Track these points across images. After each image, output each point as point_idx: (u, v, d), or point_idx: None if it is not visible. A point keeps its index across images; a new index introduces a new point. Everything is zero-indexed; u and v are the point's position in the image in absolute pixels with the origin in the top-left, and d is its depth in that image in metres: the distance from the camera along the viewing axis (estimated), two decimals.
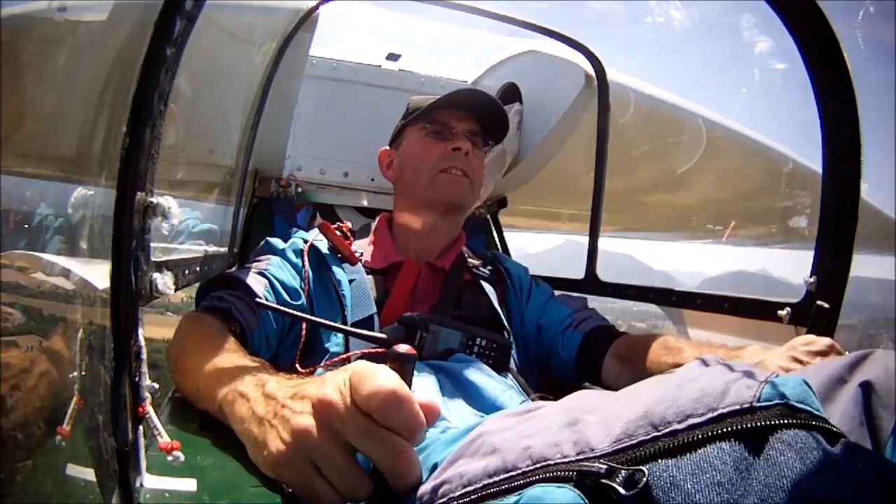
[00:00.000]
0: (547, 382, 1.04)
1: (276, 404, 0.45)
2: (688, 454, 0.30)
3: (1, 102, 0.38)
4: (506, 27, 1.46)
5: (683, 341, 0.86)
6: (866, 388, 0.46)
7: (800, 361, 0.67)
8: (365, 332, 0.80)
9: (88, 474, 0.42)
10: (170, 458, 0.44)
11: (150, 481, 0.43)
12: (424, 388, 0.73)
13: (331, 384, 0.41)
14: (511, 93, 1.62)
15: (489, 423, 0.41)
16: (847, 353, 0.61)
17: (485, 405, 0.73)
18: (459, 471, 0.37)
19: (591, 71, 1.39)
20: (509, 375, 0.87)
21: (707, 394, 0.32)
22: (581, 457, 0.32)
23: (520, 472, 0.34)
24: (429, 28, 2.02)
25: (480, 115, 1.02)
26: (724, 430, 0.30)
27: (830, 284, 0.86)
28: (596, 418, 0.35)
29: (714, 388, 0.32)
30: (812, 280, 0.88)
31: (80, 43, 0.50)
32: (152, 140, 0.44)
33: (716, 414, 0.31)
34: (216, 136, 1.18)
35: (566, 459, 0.33)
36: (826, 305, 0.85)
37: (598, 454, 0.32)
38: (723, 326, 1.05)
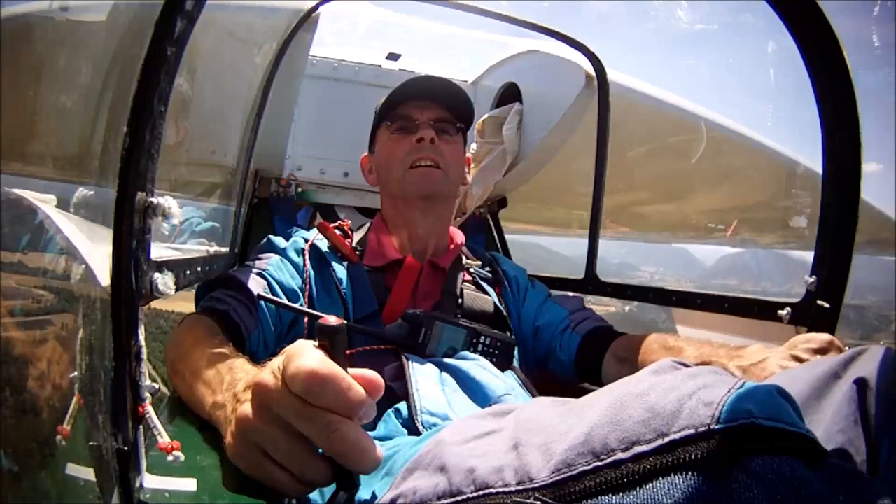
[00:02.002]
0: (547, 382, 1.04)
1: (234, 401, 0.46)
2: (634, 489, 0.26)
3: (1, 102, 0.38)
4: (506, 27, 1.46)
5: (684, 340, 0.86)
6: (861, 384, 0.45)
7: (800, 360, 0.67)
8: (367, 328, 0.80)
9: (88, 474, 0.42)
10: (170, 458, 0.44)
11: (150, 481, 0.43)
12: (428, 386, 0.73)
13: (268, 368, 0.41)
14: (511, 93, 1.62)
15: (448, 431, 0.40)
16: (847, 349, 0.61)
17: (488, 403, 0.73)
18: (414, 485, 0.36)
19: (592, 71, 1.39)
20: (513, 374, 0.86)
21: (656, 414, 0.27)
22: (520, 487, 0.30)
23: (464, 498, 0.32)
24: (429, 28, 2.02)
25: (442, 100, 0.99)
26: (677, 460, 0.25)
27: (830, 284, 0.86)
28: (539, 440, 0.32)
29: (664, 408, 0.28)
30: (812, 280, 0.88)
31: (80, 43, 0.50)
32: (152, 140, 0.44)
33: (666, 441, 0.26)
34: (217, 136, 1.18)
35: (506, 489, 0.31)
36: (826, 305, 0.85)
37: (536, 485, 0.29)
38: (723, 326, 1.05)
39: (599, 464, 0.28)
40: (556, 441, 0.31)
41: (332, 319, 0.40)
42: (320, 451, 0.40)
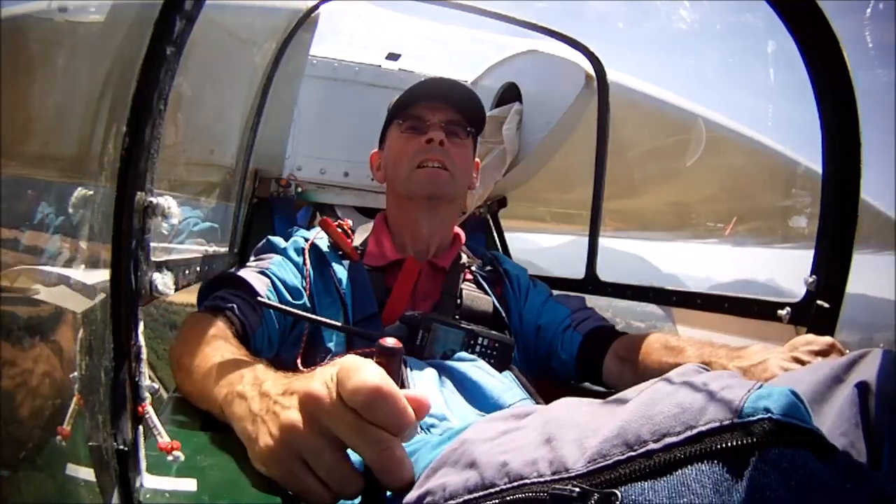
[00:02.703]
0: (547, 383, 1.04)
1: (269, 401, 0.46)
2: (665, 476, 0.28)
3: (1, 102, 0.38)
4: (506, 27, 1.47)
5: (685, 341, 0.86)
6: (863, 388, 0.45)
7: (801, 361, 0.67)
8: (364, 331, 0.80)
9: (88, 474, 0.42)
10: (170, 458, 0.44)
11: (150, 481, 0.43)
12: (426, 388, 0.73)
13: (318, 379, 0.41)
14: (511, 93, 1.62)
15: (472, 431, 0.41)
16: (848, 351, 0.61)
17: (486, 404, 0.73)
18: (442, 482, 0.36)
19: (592, 71, 1.39)
20: (511, 375, 0.87)
21: (685, 410, 0.30)
22: (556, 477, 0.31)
23: (497, 489, 0.33)
24: (429, 28, 2.02)
25: (455, 103, 1.00)
26: (703, 449, 0.28)
27: (830, 284, 0.86)
28: (572, 435, 0.34)
29: (692, 404, 0.31)
30: (812, 280, 0.88)
31: (80, 43, 0.50)
32: (152, 140, 0.44)
33: (694, 432, 0.29)
34: (216, 135, 1.19)
35: (541, 479, 0.32)
36: (826, 305, 0.85)
37: (572, 475, 0.31)
38: (723, 326, 1.05)
39: (633, 454, 0.30)
40: (589, 436, 0.32)
41: (389, 341, 0.41)
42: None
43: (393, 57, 1.70)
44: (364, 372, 0.38)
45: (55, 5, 0.44)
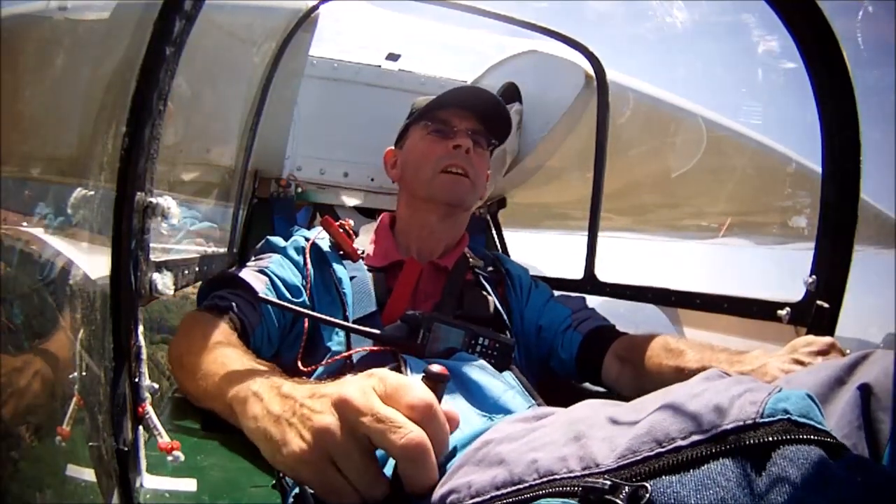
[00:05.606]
0: (547, 383, 1.04)
1: (295, 403, 0.45)
2: (691, 470, 0.30)
3: (1, 102, 0.38)
4: (506, 27, 1.47)
5: (685, 342, 0.86)
6: (865, 390, 0.45)
7: (801, 363, 0.67)
8: (365, 328, 0.80)
9: (88, 474, 0.42)
10: (170, 458, 0.44)
11: (150, 481, 0.43)
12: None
13: (354, 386, 0.42)
14: (511, 93, 1.62)
15: (496, 431, 0.42)
16: (848, 351, 0.61)
17: (487, 404, 0.73)
18: (467, 480, 0.37)
19: (591, 71, 1.39)
20: (512, 375, 0.86)
21: (710, 410, 0.32)
22: (586, 472, 0.33)
23: (527, 485, 0.34)
24: (429, 28, 2.02)
25: (483, 113, 1.01)
26: (728, 446, 0.30)
27: (830, 284, 0.86)
28: (601, 433, 0.35)
29: (717, 405, 0.33)
30: (812, 280, 0.88)
31: (80, 43, 0.50)
32: (152, 140, 0.44)
33: (719, 430, 0.31)
34: (215, 135, 1.18)
35: (572, 474, 0.33)
36: (826, 305, 0.85)
37: (602, 470, 0.33)
38: (723, 326, 1.05)
39: (661, 450, 0.32)
40: (619, 435, 0.34)
41: (435, 368, 0.43)
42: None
43: (393, 57, 1.70)
44: (418, 388, 0.41)
45: (55, 5, 0.44)
